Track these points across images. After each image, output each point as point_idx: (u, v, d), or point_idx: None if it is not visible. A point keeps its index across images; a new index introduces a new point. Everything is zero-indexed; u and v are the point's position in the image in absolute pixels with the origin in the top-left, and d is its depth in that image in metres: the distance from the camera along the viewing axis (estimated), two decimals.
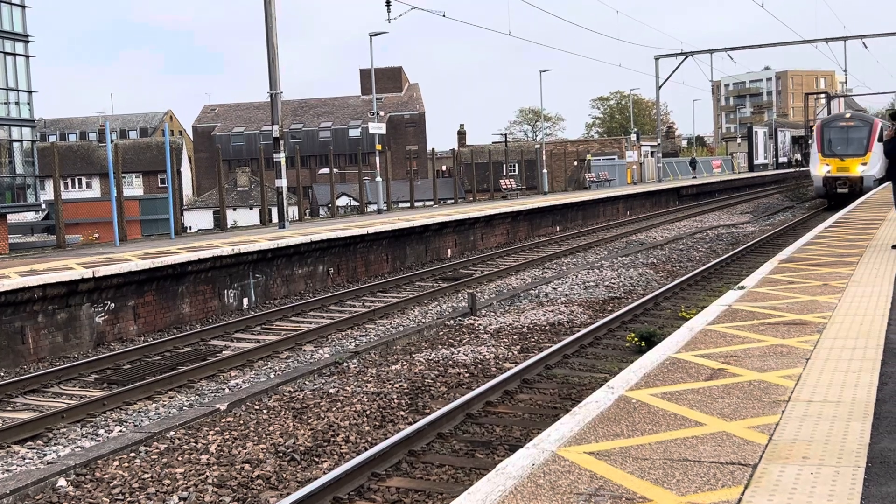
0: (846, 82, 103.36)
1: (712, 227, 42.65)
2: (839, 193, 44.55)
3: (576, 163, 79.33)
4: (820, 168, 46.44)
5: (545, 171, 64.60)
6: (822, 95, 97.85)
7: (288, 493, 8.67)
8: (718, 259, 26.31)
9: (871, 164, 44.33)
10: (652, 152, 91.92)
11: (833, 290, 11.80)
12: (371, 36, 45.73)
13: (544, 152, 67.82)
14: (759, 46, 76.74)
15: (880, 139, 33.45)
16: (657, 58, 78.15)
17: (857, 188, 44.21)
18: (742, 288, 12.41)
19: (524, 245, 36.28)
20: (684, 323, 10.64)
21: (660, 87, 79.81)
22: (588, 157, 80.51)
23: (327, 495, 8.39)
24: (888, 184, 26.23)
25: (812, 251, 16.94)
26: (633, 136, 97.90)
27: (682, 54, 75.33)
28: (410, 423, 10.77)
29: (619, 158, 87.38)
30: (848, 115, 47.37)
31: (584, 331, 15.90)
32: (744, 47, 74.98)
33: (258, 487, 9.07)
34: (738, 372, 7.30)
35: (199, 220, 58.83)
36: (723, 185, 78.85)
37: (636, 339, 14.91)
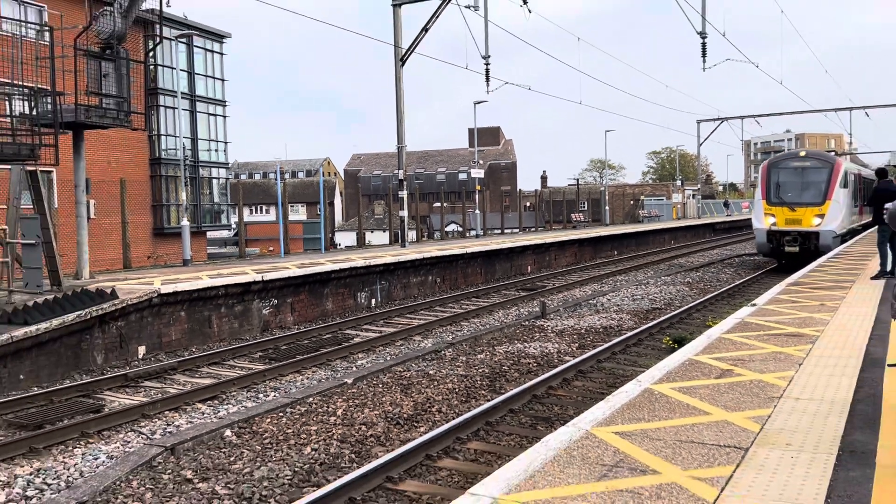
0: (851, 143, 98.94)
1: (739, 254, 41.25)
2: (787, 252, 27.80)
3: (632, 202, 77.92)
4: (764, 219, 28.13)
5: (607, 207, 63.50)
6: (832, 152, 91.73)
7: (392, 449, 8.72)
8: (741, 280, 25.40)
9: (831, 216, 27.07)
10: (693, 195, 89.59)
11: (828, 309, 11.29)
12: (475, 104, 45.97)
13: (607, 193, 66.78)
14: (781, 114, 74.01)
15: (845, 185, 27.44)
16: (699, 122, 76.40)
17: (810, 246, 27.06)
18: (754, 305, 11.99)
19: (588, 265, 35.74)
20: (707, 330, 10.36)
21: (700, 144, 77.95)
22: (642, 197, 79.06)
23: (421, 452, 8.39)
24: (867, 233, 24.67)
25: (815, 276, 16.24)
26: (679, 182, 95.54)
27: (718, 119, 73.43)
28: (489, 400, 10.68)
29: (667, 199, 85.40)
30: (803, 153, 29.96)
31: (629, 333, 15.56)
32: (769, 115, 72.38)
33: (370, 444, 9.12)
34: (743, 372, 7.07)
35: (345, 239, 59.83)
36: (749, 222, 76.17)
37: (670, 341, 14.53)
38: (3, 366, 12.32)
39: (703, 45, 22.41)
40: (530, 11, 24.82)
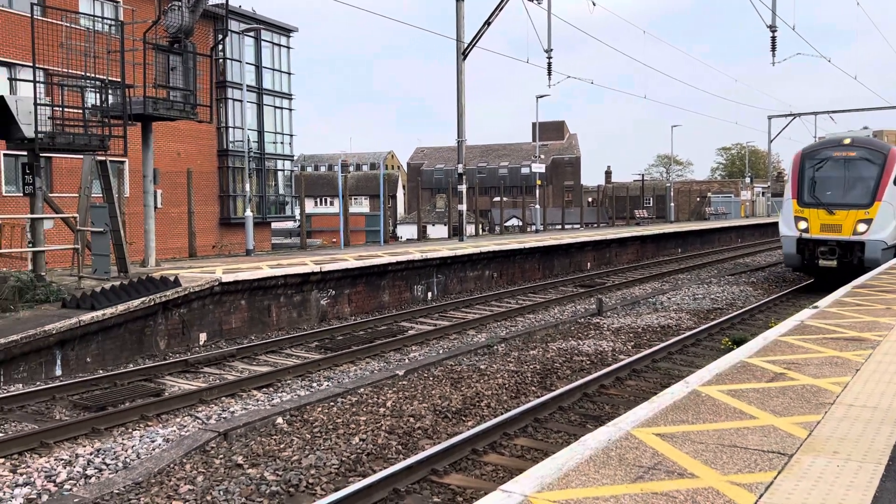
0: None
1: None
2: (822, 266, 21.75)
3: (699, 198, 76.42)
4: (794, 224, 22.27)
5: (672, 204, 62.37)
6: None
7: (439, 442, 8.76)
8: (809, 281, 24.61)
9: (881, 222, 21.05)
10: (763, 192, 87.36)
11: (894, 313, 10.87)
12: (537, 98, 45.65)
13: (672, 189, 65.58)
14: (856, 110, 71.46)
15: (894, 183, 21.38)
16: (769, 118, 74.22)
17: (853, 259, 21.31)
18: (816, 307, 11.60)
19: (649, 262, 35.23)
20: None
21: (771, 141, 75.69)
22: (709, 194, 77.46)
23: (468, 447, 8.41)
24: None
25: (884, 280, 15.65)
26: (748, 179, 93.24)
27: (791, 115, 71.26)
28: (538, 397, 10.65)
29: (735, 196, 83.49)
30: (847, 141, 23.00)
31: (687, 333, 15.30)
32: (843, 111, 69.74)
33: (418, 436, 9.17)
34: (796, 377, 6.87)
35: (406, 231, 60.26)
36: None
37: (729, 342, 14.22)
38: (71, 349, 12.83)
39: (773, 38, 21.76)
40: (595, 4, 24.51)
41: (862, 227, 20.86)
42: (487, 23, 28.53)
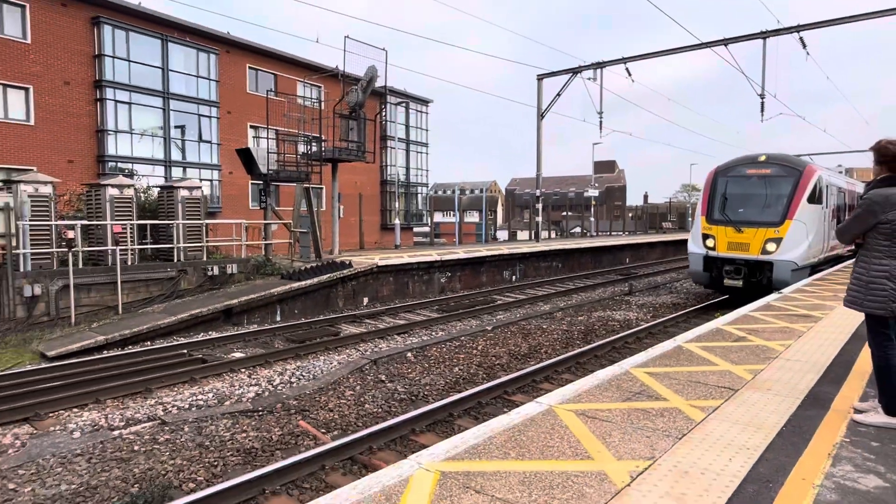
0: None
1: None
2: (727, 286, 14.72)
3: None
4: (702, 241, 15.22)
5: (690, 218, 58.94)
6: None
7: (510, 374, 8.91)
8: None
9: (792, 241, 14.01)
10: None
11: (839, 298, 10.12)
12: (593, 144, 44.66)
13: (691, 208, 62.06)
14: (828, 153, 61.92)
15: (817, 199, 14.51)
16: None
17: (761, 279, 14.25)
18: (781, 293, 10.92)
19: (671, 259, 33.69)
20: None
21: None
22: None
23: (529, 378, 8.49)
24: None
25: (840, 274, 14.43)
26: None
27: None
28: (580, 348, 10.62)
29: None
30: (763, 158, 14.82)
31: (691, 308, 14.64)
32: (819, 153, 62.49)
33: (497, 369, 9.31)
34: (754, 339, 6.62)
35: (502, 235, 60.28)
36: None
37: (719, 314, 13.56)
38: (286, 304, 13.73)
39: (762, 103, 20.26)
40: (633, 80, 23.77)
41: (771, 247, 14.04)
42: (558, 94, 28.17)
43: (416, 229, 50.64)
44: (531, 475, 3.15)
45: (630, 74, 23.70)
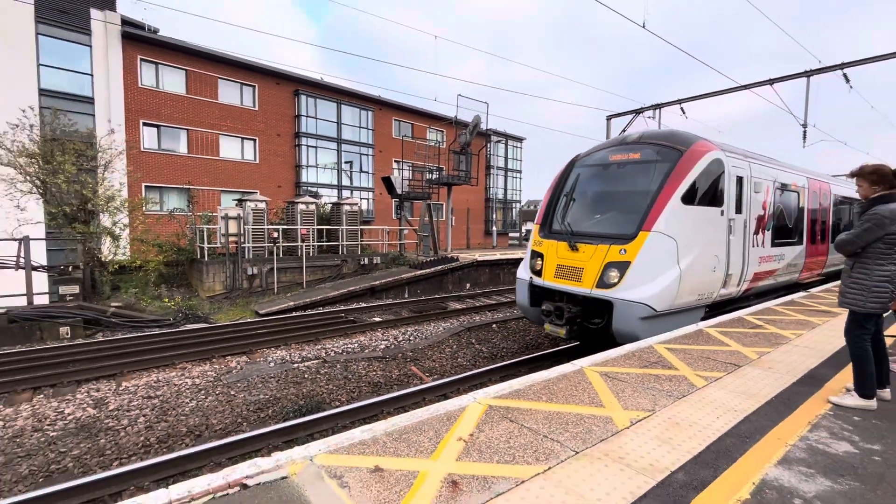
0: None
1: None
2: (549, 332, 5.60)
3: None
4: (530, 260, 5.89)
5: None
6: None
7: (570, 344, 8.67)
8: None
9: (644, 269, 4.90)
10: None
11: None
12: None
13: None
14: None
15: (701, 197, 5.71)
16: None
17: (600, 326, 5.09)
18: (808, 291, 9.39)
19: None
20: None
21: None
22: None
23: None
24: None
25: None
26: None
27: None
28: None
29: None
30: (635, 137, 4.77)
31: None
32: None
33: (560, 341, 8.96)
34: (769, 328, 5.91)
35: None
36: None
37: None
38: (412, 286, 14.20)
39: (805, 132, 17.41)
40: (686, 117, 21.70)
41: (612, 276, 5.58)
42: (623, 131, 26.43)
43: (510, 234, 50.16)
44: (554, 413, 3.26)
45: (684, 112, 21.62)
